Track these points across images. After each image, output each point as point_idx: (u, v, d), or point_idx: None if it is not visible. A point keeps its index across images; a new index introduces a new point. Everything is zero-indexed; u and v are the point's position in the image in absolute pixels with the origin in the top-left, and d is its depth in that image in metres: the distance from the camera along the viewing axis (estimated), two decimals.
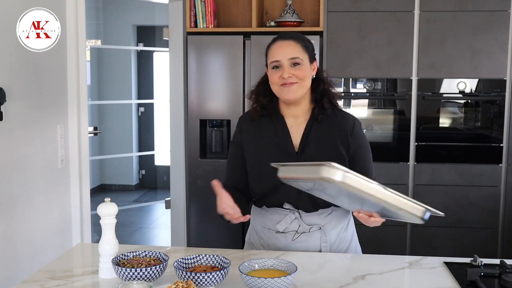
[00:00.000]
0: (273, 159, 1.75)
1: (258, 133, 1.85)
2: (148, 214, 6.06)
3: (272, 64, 1.78)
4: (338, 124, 1.83)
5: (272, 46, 1.81)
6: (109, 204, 1.56)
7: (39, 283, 1.51)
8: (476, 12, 3.29)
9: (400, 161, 3.43)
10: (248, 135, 1.87)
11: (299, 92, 1.78)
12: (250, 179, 1.86)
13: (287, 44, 1.78)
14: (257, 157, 1.84)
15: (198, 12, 3.46)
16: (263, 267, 1.51)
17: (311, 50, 1.84)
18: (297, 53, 1.77)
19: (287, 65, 1.75)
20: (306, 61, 1.78)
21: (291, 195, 1.77)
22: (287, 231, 1.82)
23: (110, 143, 6.60)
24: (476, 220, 3.40)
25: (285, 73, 1.75)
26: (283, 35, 1.84)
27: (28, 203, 2.30)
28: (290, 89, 1.76)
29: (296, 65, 1.76)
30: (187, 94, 3.50)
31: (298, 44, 1.79)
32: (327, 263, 1.73)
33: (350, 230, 1.90)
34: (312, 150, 1.79)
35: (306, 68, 1.78)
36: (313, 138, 1.80)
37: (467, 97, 3.42)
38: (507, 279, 1.51)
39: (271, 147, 1.82)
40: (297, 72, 1.76)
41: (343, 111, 1.90)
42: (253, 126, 1.87)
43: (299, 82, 1.76)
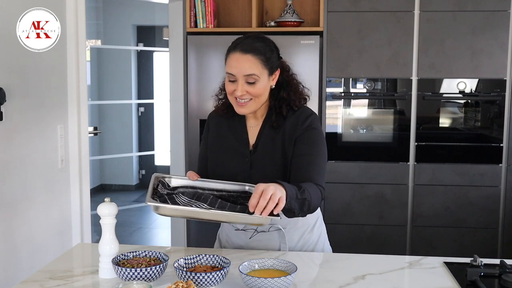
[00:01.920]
0: (229, 158, 1.82)
1: (220, 132, 1.88)
2: (148, 214, 6.05)
3: (227, 75, 1.72)
4: (294, 119, 1.77)
5: (231, 55, 1.71)
6: (109, 204, 1.56)
7: (39, 283, 1.51)
8: (476, 12, 3.29)
9: (400, 161, 3.43)
10: (211, 133, 1.91)
11: (252, 108, 1.74)
12: (210, 175, 1.86)
13: (245, 59, 1.68)
14: (215, 155, 1.87)
15: (198, 12, 3.46)
16: (263, 267, 1.51)
17: (274, 60, 1.74)
18: (254, 70, 1.68)
19: (241, 82, 1.69)
20: (264, 76, 1.70)
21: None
22: (247, 229, 1.83)
23: (110, 143, 6.60)
24: (476, 220, 3.40)
25: (238, 90, 1.69)
26: (244, 45, 1.70)
27: (28, 203, 2.30)
28: (244, 106, 1.73)
29: (251, 83, 1.69)
30: (187, 94, 3.50)
31: (257, 59, 1.68)
32: (327, 263, 1.73)
33: (316, 232, 1.88)
34: (262, 151, 1.78)
35: (262, 85, 1.70)
36: (264, 138, 1.79)
37: (467, 97, 3.42)
38: (507, 279, 1.51)
39: (228, 146, 1.84)
40: (252, 89, 1.69)
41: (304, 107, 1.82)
42: (218, 123, 1.89)
43: (253, 99, 1.72)
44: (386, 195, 3.44)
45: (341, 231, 3.44)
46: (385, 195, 3.44)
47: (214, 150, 1.88)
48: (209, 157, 1.89)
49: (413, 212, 3.44)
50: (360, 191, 3.44)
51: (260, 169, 1.78)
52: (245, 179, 1.77)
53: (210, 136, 1.91)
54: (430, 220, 3.43)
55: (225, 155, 1.84)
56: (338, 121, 3.49)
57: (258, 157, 1.79)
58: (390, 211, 3.44)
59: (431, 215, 3.42)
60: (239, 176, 1.79)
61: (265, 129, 1.80)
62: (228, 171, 1.81)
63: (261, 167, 1.78)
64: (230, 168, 1.81)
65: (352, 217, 3.43)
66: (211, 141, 1.90)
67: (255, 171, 1.78)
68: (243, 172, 1.79)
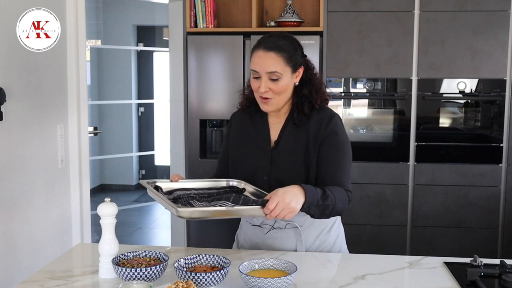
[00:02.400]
0: (250, 153, 1.85)
1: (242, 128, 1.91)
2: (148, 214, 6.05)
3: (252, 72, 1.76)
4: (317, 119, 1.80)
5: (255, 53, 1.76)
6: (109, 204, 1.56)
7: (39, 283, 1.51)
8: (476, 12, 3.29)
9: (400, 161, 3.43)
10: (234, 129, 1.94)
11: (275, 106, 1.78)
12: (230, 170, 1.91)
13: (268, 57, 1.72)
14: (236, 151, 1.90)
15: (198, 12, 3.46)
16: (263, 267, 1.51)
17: (297, 58, 1.77)
18: (277, 67, 1.72)
19: (265, 78, 1.72)
20: (287, 73, 1.74)
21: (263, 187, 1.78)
22: (264, 225, 1.83)
23: (110, 143, 6.59)
24: (476, 220, 3.40)
25: (262, 87, 1.73)
26: (267, 43, 1.75)
27: (28, 203, 2.30)
28: (267, 103, 1.76)
29: (274, 80, 1.72)
30: (187, 94, 3.50)
31: (280, 57, 1.72)
32: (327, 263, 1.73)
33: (333, 233, 1.88)
34: (284, 149, 1.81)
35: (284, 82, 1.74)
36: (287, 137, 1.81)
37: (467, 97, 3.42)
38: (507, 279, 1.51)
39: (250, 142, 1.87)
40: (275, 86, 1.73)
41: (327, 108, 1.85)
42: (240, 120, 1.92)
43: (275, 96, 1.75)
44: (386, 195, 3.44)
45: None
46: (385, 195, 3.44)
47: (235, 145, 1.91)
48: (230, 153, 1.92)
49: (413, 212, 3.44)
50: (360, 191, 3.44)
51: (281, 165, 1.80)
52: (265, 175, 1.80)
53: (231, 133, 1.95)
54: (430, 220, 3.43)
55: (246, 150, 1.87)
56: None
57: (280, 153, 1.81)
58: (390, 211, 3.44)
59: (431, 215, 3.42)
60: (259, 171, 1.81)
61: (287, 127, 1.82)
62: (249, 166, 1.84)
63: (282, 163, 1.80)
64: (250, 163, 1.84)
65: (352, 217, 3.42)
66: (232, 137, 1.94)
67: (276, 167, 1.80)
68: (263, 167, 1.81)
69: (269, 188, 1.77)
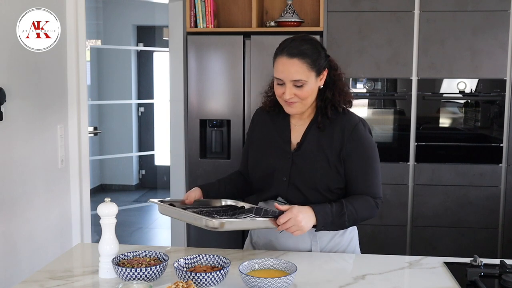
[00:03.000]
0: (270, 153, 1.85)
1: (264, 127, 1.91)
2: (148, 214, 6.06)
3: (276, 79, 1.75)
4: (340, 126, 1.79)
5: (278, 60, 1.73)
6: (109, 204, 1.56)
7: (39, 283, 1.51)
8: (476, 12, 3.29)
9: (400, 161, 3.43)
10: (257, 127, 1.94)
11: (301, 110, 1.78)
12: (250, 168, 1.93)
13: (292, 63, 1.69)
14: (257, 150, 1.91)
15: (198, 12, 3.46)
16: (263, 267, 1.51)
17: (321, 61, 1.75)
18: (301, 74, 1.70)
19: (289, 86, 1.71)
20: (311, 79, 1.72)
21: (282, 189, 1.81)
22: None
23: (110, 143, 6.59)
24: (476, 220, 3.40)
25: (286, 94, 1.72)
26: (290, 49, 1.71)
27: (28, 203, 2.30)
28: (292, 106, 1.76)
29: (299, 86, 1.71)
30: (187, 94, 3.50)
31: (304, 63, 1.70)
32: (327, 263, 1.73)
33: (347, 236, 1.87)
34: (306, 152, 1.80)
35: (310, 88, 1.72)
36: (310, 140, 1.81)
37: (467, 97, 3.42)
38: (507, 279, 1.51)
39: (270, 142, 1.87)
40: (300, 92, 1.72)
41: (350, 113, 1.84)
42: (264, 118, 1.92)
43: (301, 101, 1.74)
44: (386, 195, 3.43)
45: None
46: (385, 195, 3.39)
47: (256, 145, 1.92)
48: (250, 152, 1.93)
49: (413, 212, 3.44)
50: None
51: (302, 167, 1.79)
52: (284, 175, 1.80)
53: (254, 130, 1.95)
54: (430, 220, 3.43)
55: (267, 150, 1.87)
56: None
57: (301, 156, 1.80)
58: (390, 211, 3.44)
59: (431, 215, 3.42)
60: (277, 172, 1.81)
61: (311, 130, 1.81)
62: (268, 166, 1.84)
63: (303, 166, 1.79)
64: (270, 163, 1.84)
65: None
66: (255, 135, 1.94)
67: (297, 169, 1.79)
68: (283, 168, 1.81)
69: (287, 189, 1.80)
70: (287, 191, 1.80)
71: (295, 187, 1.79)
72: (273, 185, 1.83)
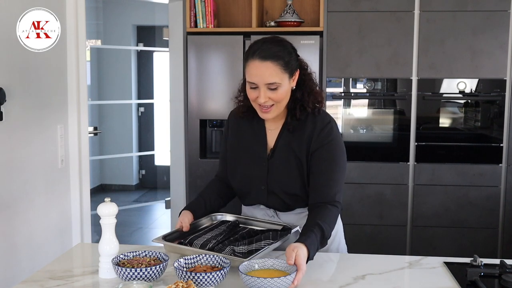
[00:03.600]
0: (246, 161, 1.83)
1: (239, 132, 1.88)
2: (148, 214, 6.05)
3: (248, 83, 1.69)
4: (310, 127, 1.76)
5: (250, 63, 1.67)
6: (109, 204, 1.56)
7: (39, 283, 1.51)
8: (476, 12, 3.29)
9: (400, 161, 3.43)
10: (232, 132, 1.91)
11: (275, 113, 1.72)
12: (228, 175, 1.90)
13: (265, 66, 1.64)
14: (233, 156, 1.88)
15: (198, 12, 3.46)
16: (263, 267, 1.51)
17: (293, 62, 1.71)
18: (275, 77, 1.65)
19: (263, 89, 1.66)
20: (285, 81, 1.68)
21: (261, 197, 1.82)
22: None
23: (110, 143, 6.59)
24: (476, 220, 3.40)
25: (261, 98, 1.67)
26: (262, 51, 1.66)
27: (28, 203, 2.30)
28: (268, 112, 1.71)
29: (273, 89, 1.66)
30: (187, 94, 3.50)
31: (277, 66, 1.65)
32: (327, 263, 1.73)
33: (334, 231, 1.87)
34: (279, 155, 1.78)
35: (284, 90, 1.68)
36: (281, 144, 1.79)
37: (467, 97, 3.42)
38: (507, 279, 1.51)
39: (246, 148, 1.84)
40: (274, 95, 1.67)
41: (321, 113, 1.79)
42: (238, 123, 1.89)
43: (276, 104, 1.70)
44: (386, 195, 3.44)
45: None
46: (385, 195, 3.44)
47: (233, 151, 1.89)
48: (228, 157, 1.90)
49: (413, 212, 3.44)
50: (360, 191, 3.44)
51: (277, 175, 1.78)
52: (262, 184, 1.79)
53: (230, 135, 1.92)
54: (430, 220, 3.43)
55: (243, 157, 1.85)
56: (338, 121, 3.48)
57: (275, 163, 1.78)
58: (390, 211, 3.44)
59: (431, 215, 3.42)
60: (255, 180, 1.81)
61: (283, 133, 1.79)
62: (246, 174, 1.83)
63: (278, 173, 1.78)
64: (247, 171, 1.83)
65: (352, 217, 3.42)
66: (230, 140, 1.91)
67: (272, 177, 1.78)
68: (260, 176, 1.80)
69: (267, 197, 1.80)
70: (267, 198, 1.82)
71: (274, 194, 1.80)
72: (252, 193, 1.83)
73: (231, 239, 1.69)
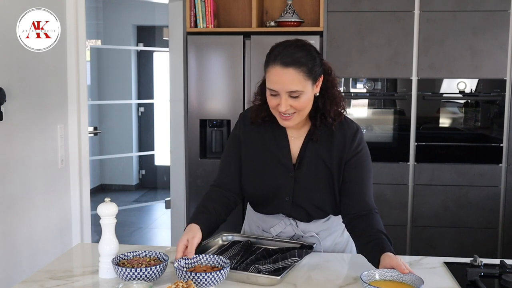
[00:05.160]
0: (270, 170, 1.73)
1: (258, 138, 1.76)
2: (148, 214, 6.05)
3: (269, 90, 1.60)
4: (340, 135, 1.70)
5: (271, 69, 1.58)
6: (109, 204, 1.56)
7: (39, 283, 1.51)
8: (476, 12, 3.29)
9: (400, 161, 3.43)
10: (248, 137, 1.77)
11: (296, 121, 1.64)
12: (244, 184, 1.78)
13: (287, 73, 1.54)
14: (253, 164, 1.76)
15: (198, 12, 3.46)
16: (384, 279, 1.45)
17: (317, 68, 1.60)
18: (297, 85, 1.55)
19: (285, 97, 1.57)
20: (307, 88, 1.58)
21: (285, 207, 1.75)
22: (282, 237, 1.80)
23: (110, 143, 6.59)
24: (476, 220, 3.40)
25: (282, 106, 1.57)
26: (284, 56, 1.56)
27: (28, 203, 2.30)
28: (289, 120, 1.62)
29: (295, 97, 1.57)
30: (187, 94, 3.50)
31: (300, 73, 1.55)
32: (327, 263, 1.72)
33: (345, 235, 1.85)
34: (307, 166, 1.71)
35: (306, 98, 1.59)
36: (309, 153, 1.71)
37: (467, 97, 3.42)
38: (507, 279, 1.51)
39: (269, 157, 1.74)
40: (296, 104, 1.58)
41: (348, 121, 1.74)
42: (255, 128, 1.76)
43: (297, 112, 1.60)
44: (386, 195, 3.44)
45: None
46: (385, 195, 3.44)
47: (251, 158, 1.76)
48: (245, 164, 1.77)
49: (413, 212, 3.44)
50: None
51: (305, 186, 1.71)
52: (287, 195, 1.73)
53: (244, 139, 1.77)
54: (430, 220, 3.43)
55: (266, 165, 1.74)
56: None
57: (303, 173, 1.71)
58: (390, 211, 3.44)
59: (431, 215, 3.42)
60: (280, 190, 1.73)
61: (308, 142, 1.71)
62: (269, 185, 1.74)
63: (306, 184, 1.71)
64: (272, 181, 1.73)
65: None
66: (246, 146, 1.77)
67: (299, 188, 1.72)
68: (286, 188, 1.72)
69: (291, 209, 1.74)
70: (291, 210, 1.74)
71: (299, 206, 1.73)
72: (274, 203, 1.75)
73: (251, 258, 1.62)
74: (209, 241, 1.77)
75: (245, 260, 1.61)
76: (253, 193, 1.79)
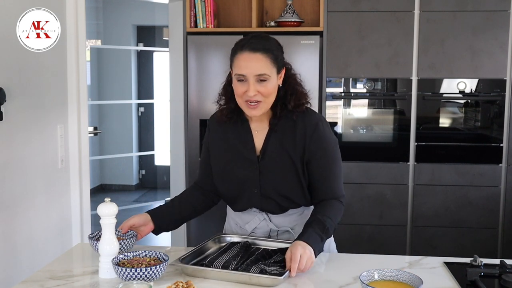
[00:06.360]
0: (236, 165, 1.79)
1: (223, 135, 1.83)
2: None
3: (237, 76, 1.67)
4: (301, 126, 1.74)
5: (239, 56, 1.67)
6: (109, 204, 1.56)
7: (39, 283, 1.51)
8: (476, 12, 3.29)
9: (400, 161, 3.43)
10: (214, 139, 1.86)
11: (263, 110, 1.69)
12: (216, 183, 1.85)
13: (255, 58, 1.64)
14: (220, 161, 1.83)
15: (198, 12, 3.46)
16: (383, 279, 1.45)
17: (281, 59, 1.71)
18: (265, 68, 1.64)
19: (252, 81, 1.64)
20: (273, 75, 1.67)
21: (255, 201, 1.79)
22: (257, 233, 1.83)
23: (110, 143, 6.59)
24: (476, 220, 3.40)
25: (250, 90, 1.63)
26: (252, 44, 1.67)
27: (28, 203, 2.30)
28: (256, 108, 1.67)
29: (262, 81, 1.64)
30: (187, 94, 3.50)
31: (267, 58, 1.65)
32: (327, 263, 1.73)
33: None
34: (270, 157, 1.75)
35: (272, 84, 1.66)
36: (272, 144, 1.76)
37: (467, 97, 3.42)
38: (507, 279, 1.51)
39: (234, 153, 1.80)
40: (263, 89, 1.65)
41: (310, 112, 1.78)
42: (220, 127, 1.84)
43: (264, 99, 1.67)
44: (386, 195, 3.44)
45: (341, 231, 3.43)
46: (385, 195, 3.44)
47: (219, 155, 1.84)
48: (213, 164, 1.85)
49: (413, 212, 3.44)
50: (360, 191, 3.43)
51: (271, 176, 1.75)
52: (254, 187, 1.77)
53: (212, 140, 1.86)
54: (430, 220, 3.43)
55: (231, 161, 1.80)
56: (338, 121, 3.49)
57: (267, 164, 1.75)
58: (390, 211, 3.44)
59: (431, 215, 3.42)
60: (247, 183, 1.77)
61: (271, 134, 1.76)
62: (236, 179, 1.79)
63: (272, 174, 1.75)
64: (237, 175, 1.79)
65: (352, 217, 3.42)
66: (214, 145, 1.85)
67: (265, 179, 1.76)
68: (252, 179, 1.77)
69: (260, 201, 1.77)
70: (261, 202, 1.79)
71: (268, 197, 1.77)
72: (245, 197, 1.80)
73: (251, 258, 1.62)
74: (207, 243, 1.78)
75: (245, 261, 1.61)
76: (224, 191, 1.85)
